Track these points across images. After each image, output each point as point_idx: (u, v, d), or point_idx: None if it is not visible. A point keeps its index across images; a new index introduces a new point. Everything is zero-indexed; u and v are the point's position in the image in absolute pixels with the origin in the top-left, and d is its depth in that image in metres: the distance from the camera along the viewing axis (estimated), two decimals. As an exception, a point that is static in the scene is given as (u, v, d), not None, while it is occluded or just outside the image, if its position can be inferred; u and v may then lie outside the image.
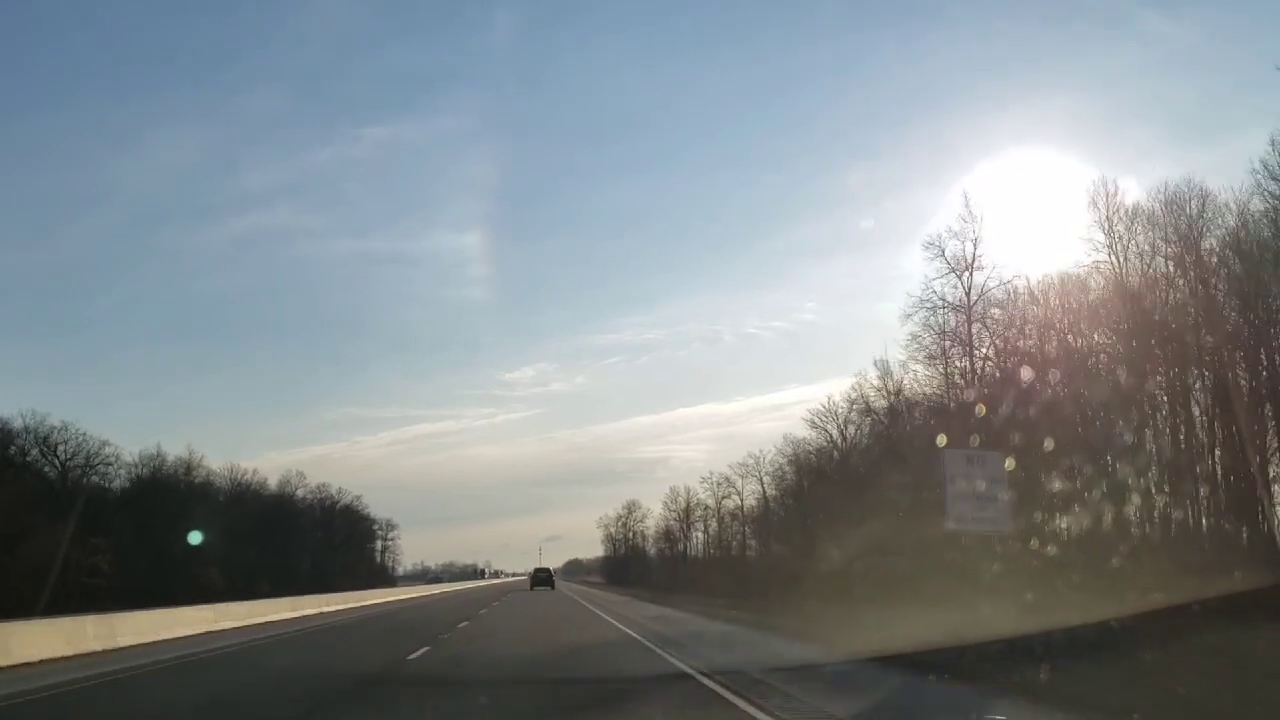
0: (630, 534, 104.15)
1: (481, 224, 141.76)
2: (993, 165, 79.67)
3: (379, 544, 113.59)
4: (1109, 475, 26.85)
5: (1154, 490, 27.60)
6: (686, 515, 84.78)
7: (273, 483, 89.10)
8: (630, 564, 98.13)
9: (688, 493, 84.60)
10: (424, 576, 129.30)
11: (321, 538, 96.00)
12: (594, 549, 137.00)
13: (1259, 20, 61.08)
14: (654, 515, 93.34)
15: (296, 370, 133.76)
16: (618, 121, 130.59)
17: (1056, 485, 24.76)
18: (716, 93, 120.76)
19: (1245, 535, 25.25)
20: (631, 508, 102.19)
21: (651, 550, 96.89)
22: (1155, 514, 27.47)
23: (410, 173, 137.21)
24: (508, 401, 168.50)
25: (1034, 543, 20.47)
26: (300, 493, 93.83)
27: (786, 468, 56.18)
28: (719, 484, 74.23)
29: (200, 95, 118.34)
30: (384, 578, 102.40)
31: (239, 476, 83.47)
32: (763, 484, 66.12)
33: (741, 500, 70.69)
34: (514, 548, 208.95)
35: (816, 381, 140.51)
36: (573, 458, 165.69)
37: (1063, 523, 24.49)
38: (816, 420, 47.98)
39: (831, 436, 47.69)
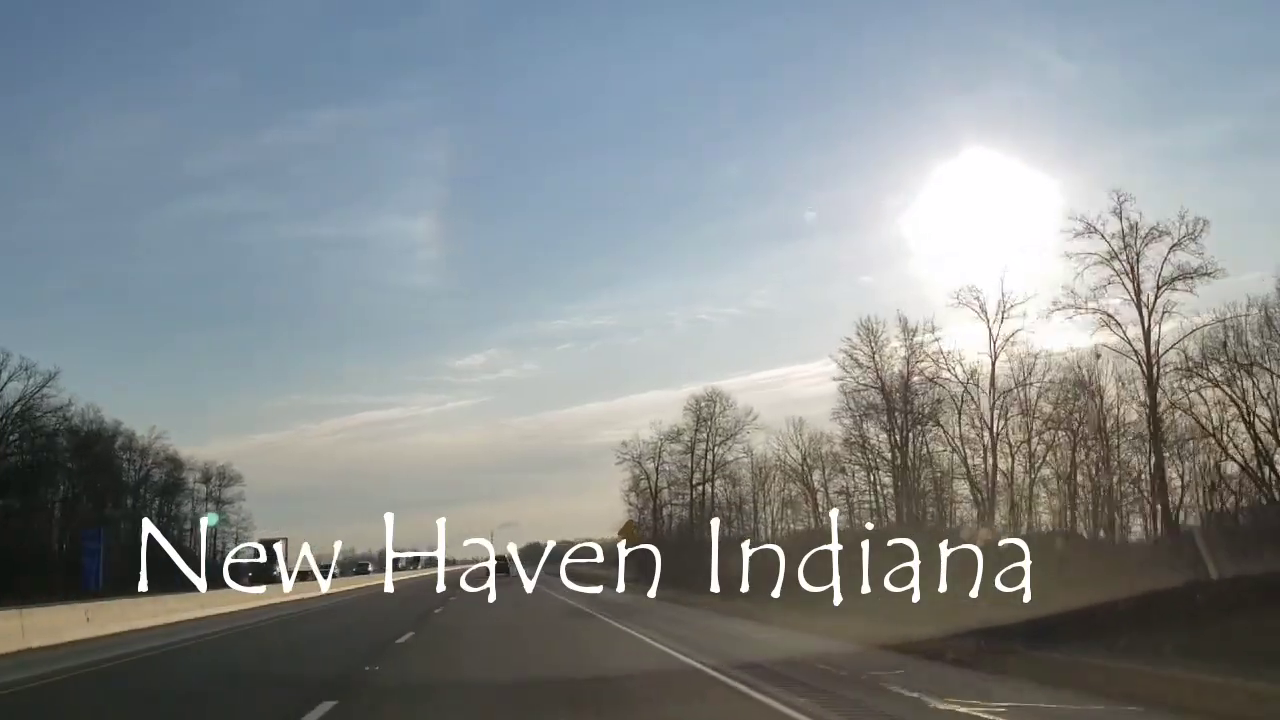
0: (701, 474, 52.47)
1: (432, 209, 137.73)
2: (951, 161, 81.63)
3: (203, 506, 74.00)
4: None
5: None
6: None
7: None
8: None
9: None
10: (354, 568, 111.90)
11: (75, 486, 58.47)
12: (553, 534, 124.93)
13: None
14: (782, 424, 49.72)
15: (242, 356, 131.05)
16: (570, 107, 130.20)
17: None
18: (669, 79, 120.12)
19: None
20: (705, 411, 52.09)
21: (778, 522, 48.84)
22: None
23: (360, 156, 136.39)
24: (457, 388, 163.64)
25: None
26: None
27: None
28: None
29: (149, 78, 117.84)
30: (213, 573, 54.84)
31: None
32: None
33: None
34: (467, 535, 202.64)
35: (769, 368, 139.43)
36: (525, 445, 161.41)
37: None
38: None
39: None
